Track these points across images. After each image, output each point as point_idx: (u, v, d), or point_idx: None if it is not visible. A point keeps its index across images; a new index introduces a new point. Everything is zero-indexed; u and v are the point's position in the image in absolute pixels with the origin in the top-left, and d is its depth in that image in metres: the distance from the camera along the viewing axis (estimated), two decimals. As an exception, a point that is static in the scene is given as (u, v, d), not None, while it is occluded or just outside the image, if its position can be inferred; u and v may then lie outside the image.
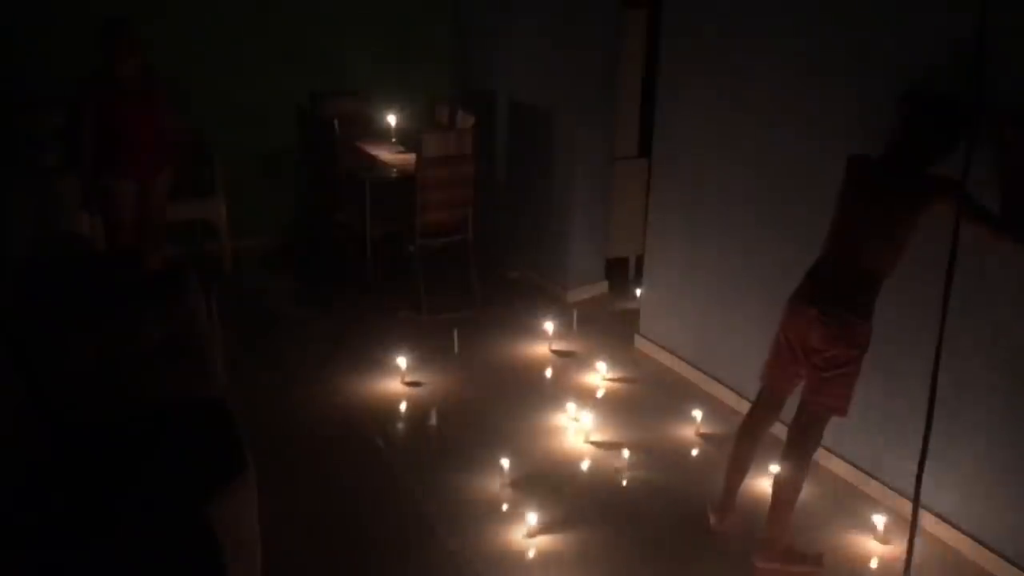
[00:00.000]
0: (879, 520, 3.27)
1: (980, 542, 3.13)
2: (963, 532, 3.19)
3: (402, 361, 4.38)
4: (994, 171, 2.71)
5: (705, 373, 4.37)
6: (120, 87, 4.49)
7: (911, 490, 2.55)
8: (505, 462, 3.55)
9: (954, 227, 2.38)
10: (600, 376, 4.44)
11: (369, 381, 4.34)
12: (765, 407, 3.17)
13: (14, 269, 3.71)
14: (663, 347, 4.65)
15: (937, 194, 2.70)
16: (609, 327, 5.06)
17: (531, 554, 3.14)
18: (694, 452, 3.84)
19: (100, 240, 4.84)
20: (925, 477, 2.51)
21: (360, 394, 4.23)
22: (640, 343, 4.81)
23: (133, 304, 2.99)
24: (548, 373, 4.53)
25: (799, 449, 3.00)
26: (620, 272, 5.67)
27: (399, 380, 4.34)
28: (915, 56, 3.10)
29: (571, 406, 4.03)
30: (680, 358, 4.53)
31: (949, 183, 2.66)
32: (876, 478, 3.51)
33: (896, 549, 3.18)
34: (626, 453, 3.71)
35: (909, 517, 2.58)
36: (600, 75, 5.15)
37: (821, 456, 3.60)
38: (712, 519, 3.27)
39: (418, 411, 4.12)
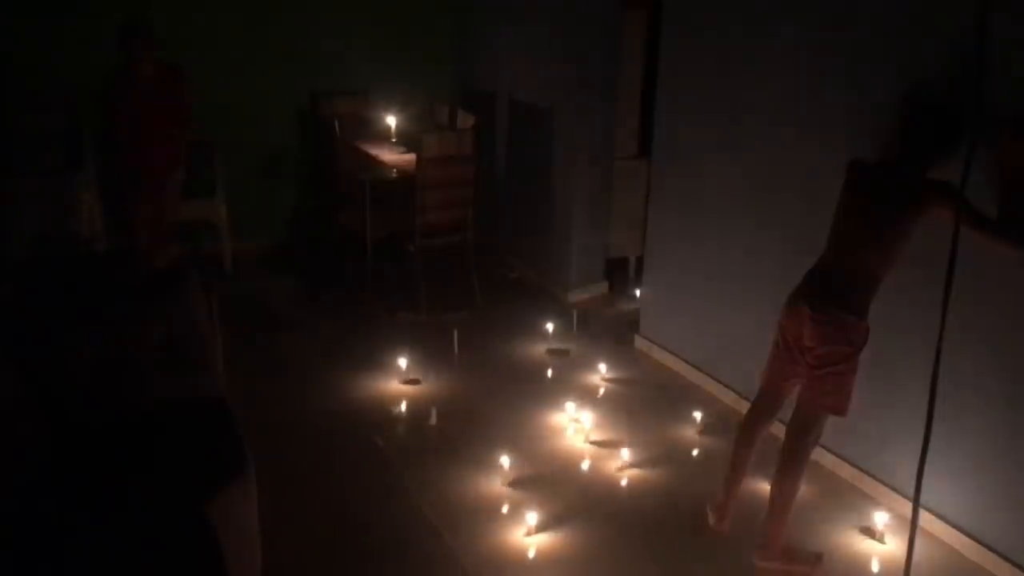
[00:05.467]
0: (879, 519, 3.27)
1: (980, 541, 3.14)
2: (963, 531, 3.19)
3: (402, 361, 4.38)
4: (993, 174, 2.72)
5: (705, 373, 4.37)
6: (137, 87, 4.55)
7: (911, 489, 2.55)
8: (505, 461, 3.56)
9: (954, 229, 2.39)
10: (600, 376, 4.44)
11: (369, 381, 4.35)
12: (764, 407, 3.17)
13: (14, 269, 3.72)
14: (663, 347, 4.65)
15: (933, 198, 2.70)
16: (609, 327, 5.06)
17: (531, 554, 3.14)
18: (694, 452, 3.84)
19: (100, 240, 4.84)
20: (925, 476, 2.51)
21: (360, 394, 4.23)
22: (640, 343, 4.81)
23: (133, 304, 2.99)
24: (548, 373, 4.53)
25: (797, 449, 3.00)
26: (620, 272, 5.68)
27: (399, 380, 4.34)
28: (915, 57, 3.10)
29: (571, 406, 4.03)
30: (680, 358, 4.53)
31: (945, 188, 2.67)
32: (876, 477, 3.51)
33: (896, 549, 3.18)
34: (626, 453, 3.71)
35: (909, 516, 2.58)
36: (600, 75, 5.16)
37: (820, 455, 3.61)
38: (712, 519, 3.27)
39: (418, 410, 4.12)
